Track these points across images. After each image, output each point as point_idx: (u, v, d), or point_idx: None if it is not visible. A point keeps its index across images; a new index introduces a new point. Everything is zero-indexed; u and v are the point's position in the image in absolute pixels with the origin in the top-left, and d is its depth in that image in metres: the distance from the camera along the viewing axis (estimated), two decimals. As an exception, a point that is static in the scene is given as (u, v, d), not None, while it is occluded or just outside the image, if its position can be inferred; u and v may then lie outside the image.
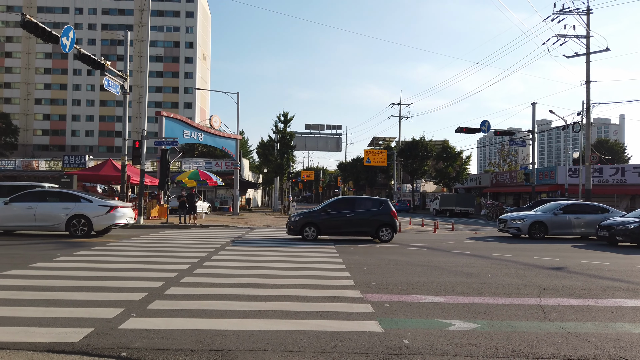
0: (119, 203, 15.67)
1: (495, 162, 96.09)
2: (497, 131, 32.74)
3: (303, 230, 15.44)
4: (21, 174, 45.86)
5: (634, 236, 15.13)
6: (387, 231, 15.48)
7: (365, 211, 15.78)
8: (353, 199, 16.67)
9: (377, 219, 15.56)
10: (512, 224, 18.37)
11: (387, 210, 15.72)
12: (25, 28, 14.33)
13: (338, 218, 15.55)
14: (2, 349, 4.33)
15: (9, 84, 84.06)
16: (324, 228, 15.45)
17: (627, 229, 15.25)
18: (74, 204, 14.59)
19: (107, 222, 14.83)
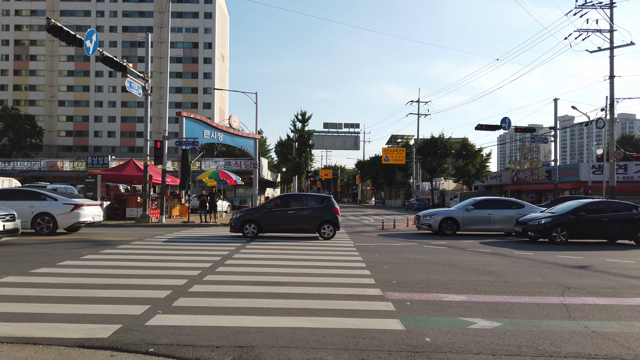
0: (84, 201, 15.99)
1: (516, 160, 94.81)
2: (517, 128, 32.34)
3: (243, 228, 15.31)
4: (46, 174, 46.95)
5: (544, 232, 14.91)
6: (329, 228, 15.33)
7: (306, 208, 15.75)
8: (296, 195, 16.74)
9: (319, 215, 15.39)
10: (424, 220, 18.28)
11: (329, 207, 15.59)
12: (51, 32, 14.68)
13: (279, 215, 15.51)
14: (35, 345, 4.49)
15: (33, 87, 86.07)
16: (264, 225, 15.39)
17: (538, 224, 15.08)
18: (39, 202, 14.95)
19: (72, 220, 15.11)
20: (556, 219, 15.01)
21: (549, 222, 14.96)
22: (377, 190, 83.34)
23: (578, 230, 14.94)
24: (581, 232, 15.02)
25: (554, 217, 15.16)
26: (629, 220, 14.99)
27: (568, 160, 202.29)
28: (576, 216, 14.96)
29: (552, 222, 14.92)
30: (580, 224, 14.88)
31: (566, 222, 14.86)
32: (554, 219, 15.02)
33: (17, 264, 8.99)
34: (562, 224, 14.83)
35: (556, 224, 14.85)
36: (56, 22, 14.85)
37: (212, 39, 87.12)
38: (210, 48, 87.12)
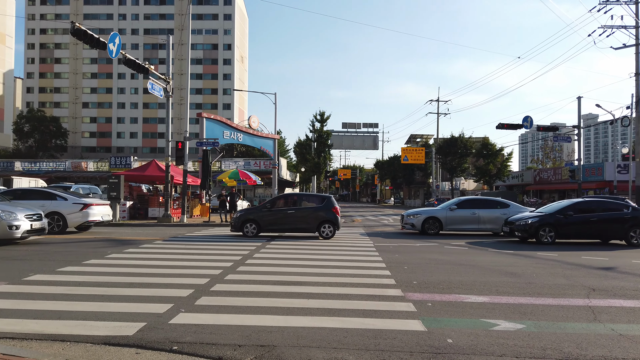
0: (93, 201, 16.36)
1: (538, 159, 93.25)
2: (540, 127, 31.81)
3: (244, 227, 15.39)
4: (71, 174, 48.02)
5: (531, 232, 14.68)
6: (329, 228, 15.29)
7: (306, 208, 15.76)
8: (296, 195, 16.78)
9: (319, 215, 15.37)
10: (407, 219, 18.10)
11: (329, 207, 15.55)
12: (75, 35, 15.01)
13: (278, 214, 15.56)
14: (63, 341, 4.60)
15: (58, 89, 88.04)
16: (264, 224, 15.44)
17: (525, 224, 14.85)
18: (50, 201, 15.29)
19: (81, 219, 15.44)
20: (543, 218, 14.81)
21: (536, 222, 14.78)
22: (396, 190, 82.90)
23: (566, 230, 14.73)
24: (569, 232, 14.81)
25: (541, 217, 14.97)
26: (619, 219, 14.71)
27: (592, 159, 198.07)
28: (564, 216, 14.75)
29: (539, 222, 14.74)
30: (568, 224, 14.68)
31: (553, 222, 14.66)
32: (541, 218, 14.83)
33: (44, 263, 9.22)
34: (549, 224, 14.63)
35: (543, 224, 14.67)
36: (80, 25, 15.16)
37: (232, 41, 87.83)
38: (230, 49, 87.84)
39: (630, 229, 14.47)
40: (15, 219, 11.65)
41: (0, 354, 4.07)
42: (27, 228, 11.90)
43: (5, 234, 11.47)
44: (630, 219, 14.58)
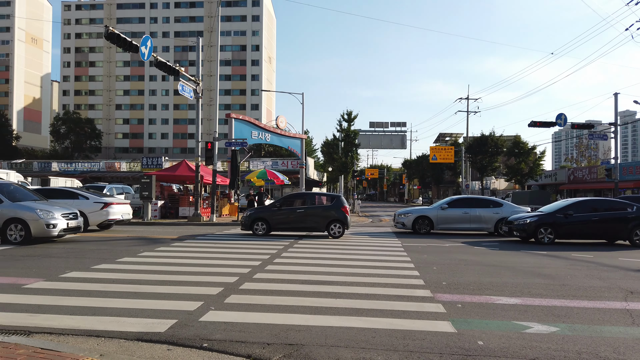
0: (114, 200, 16.82)
1: (572, 157, 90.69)
2: (574, 124, 30.85)
3: (253, 225, 15.49)
4: (105, 175, 49.37)
5: (529, 231, 14.42)
6: (337, 227, 15.24)
7: (315, 207, 15.72)
8: (305, 194, 16.90)
9: (328, 214, 15.32)
10: (398, 218, 17.87)
11: (338, 206, 15.49)
12: (109, 39, 15.41)
13: (288, 213, 15.60)
14: (98, 337, 4.73)
15: (92, 92, 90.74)
16: (274, 223, 15.51)
17: (523, 224, 14.60)
18: (72, 200, 15.67)
19: (102, 218, 15.82)
20: (542, 218, 14.55)
21: (535, 221, 14.50)
22: (425, 189, 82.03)
23: (566, 230, 14.42)
24: (569, 231, 14.47)
25: (540, 216, 14.72)
26: (622, 219, 14.28)
27: (630, 157, 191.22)
28: (564, 215, 14.42)
29: (538, 222, 14.45)
30: (568, 224, 14.34)
31: (552, 222, 14.36)
32: (540, 218, 14.57)
33: (80, 260, 9.51)
34: (549, 224, 14.34)
35: (542, 224, 14.41)
36: (114, 29, 15.56)
37: (260, 42, 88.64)
38: (258, 50, 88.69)
39: (634, 229, 14.07)
40: (52, 218, 12.05)
41: (39, 348, 4.22)
42: (63, 227, 12.29)
43: (43, 232, 11.88)
44: (633, 218, 14.16)
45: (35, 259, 9.60)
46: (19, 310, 5.62)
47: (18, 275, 7.79)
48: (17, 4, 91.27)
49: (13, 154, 67.30)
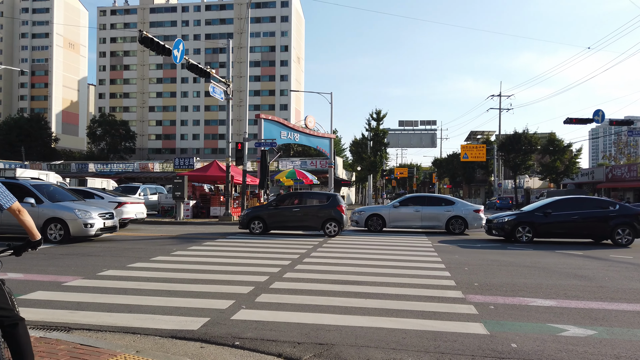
0: (128, 199, 17.36)
1: (610, 155, 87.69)
2: (612, 121, 29.80)
3: (250, 224, 15.63)
4: (139, 175, 50.63)
5: (507, 230, 14.40)
6: (333, 226, 15.27)
7: (312, 206, 15.78)
8: (302, 193, 16.92)
9: (324, 213, 15.38)
10: (353, 216, 17.95)
11: (334, 205, 15.50)
12: (142, 43, 15.79)
13: (284, 212, 15.70)
14: (134, 334, 4.88)
15: (127, 94, 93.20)
16: (270, 222, 15.63)
17: (501, 223, 14.61)
18: (88, 199, 16.23)
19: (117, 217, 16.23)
20: (520, 217, 14.47)
21: (512, 220, 14.36)
22: (455, 188, 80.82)
23: (544, 229, 14.25)
24: (547, 230, 14.30)
25: (518, 214, 14.68)
26: (604, 218, 13.99)
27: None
28: (543, 214, 14.25)
29: (516, 220, 14.32)
30: (546, 223, 14.18)
31: (531, 221, 14.23)
32: (518, 216, 14.52)
33: (116, 259, 9.80)
34: (527, 222, 14.22)
35: (520, 222, 14.30)
36: (147, 34, 15.94)
37: (288, 42, 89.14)
38: (287, 51, 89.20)
39: (616, 228, 13.79)
40: (90, 218, 12.45)
41: (78, 344, 4.37)
42: (100, 226, 12.69)
43: (81, 232, 12.29)
44: (615, 217, 13.90)
45: (73, 257, 9.94)
46: (60, 307, 5.84)
47: (58, 273, 8.09)
48: (55, 11, 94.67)
49: (52, 155, 69.83)
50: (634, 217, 13.86)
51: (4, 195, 3.01)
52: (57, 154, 72.86)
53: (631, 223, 13.75)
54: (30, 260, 9.27)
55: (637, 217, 13.87)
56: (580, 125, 29.74)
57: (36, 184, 13.27)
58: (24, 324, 2.95)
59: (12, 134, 68.56)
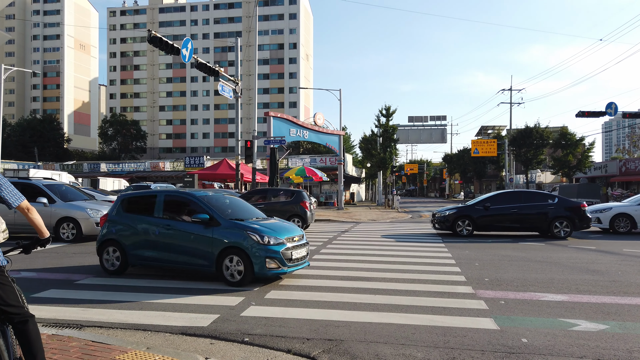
0: None
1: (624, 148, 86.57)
2: (626, 114, 29.38)
3: None
4: (150, 174, 50.98)
5: (447, 223, 14.68)
6: (297, 222, 15.31)
7: (275, 202, 15.82)
8: (267, 189, 17.00)
9: (287, 209, 15.44)
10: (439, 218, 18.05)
11: (298, 201, 15.53)
12: (152, 43, 15.85)
13: None
14: (145, 331, 4.92)
15: (137, 94, 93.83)
16: None
17: (443, 216, 14.90)
18: None
19: None
20: (460, 210, 14.77)
21: (453, 213, 14.63)
22: (466, 184, 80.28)
23: (483, 222, 14.51)
24: (486, 223, 14.54)
25: (459, 208, 14.97)
26: (542, 211, 14.23)
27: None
28: (483, 207, 14.54)
29: (456, 214, 14.56)
30: (485, 216, 14.43)
31: (470, 214, 14.48)
32: (458, 210, 14.82)
33: (127, 257, 9.88)
34: (466, 216, 14.48)
35: (460, 216, 14.54)
36: (156, 33, 16.01)
37: (297, 39, 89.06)
38: (295, 48, 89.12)
39: (553, 220, 14.01)
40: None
41: (90, 341, 4.43)
42: (112, 225, 12.82)
43: (93, 231, 12.41)
44: (553, 210, 14.13)
45: (86, 256, 10.05)
46: (72, 304, 5.91)
47: (70, 271, 8.19)
48: (66, 13, 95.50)
49: (64, 156, 70.58)
50: (572, 210, 14.08)
51: (12, 194, 3.05)
52: (70, 154, 73.63)
53: (569, 216, 13.97)
54: (43, 259, 9.40)
55: (575, 210, 14.09)
56: (593, 119, 29.36)
57: (49, 184, 13.43)
58: (34, 321, 2.99)
59: (25, 135, 69.40)
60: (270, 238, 6.90)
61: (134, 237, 7.72)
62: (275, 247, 6.87)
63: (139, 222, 7.77)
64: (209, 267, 7.11)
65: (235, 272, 6.89)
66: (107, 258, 7.82)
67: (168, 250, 7.41)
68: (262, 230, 7.01)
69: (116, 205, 8.19)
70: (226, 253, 6.97)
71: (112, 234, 7.88)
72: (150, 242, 7.55)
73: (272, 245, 6.86)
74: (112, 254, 7.79)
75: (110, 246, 7.83)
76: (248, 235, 6.88)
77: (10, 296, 2.91)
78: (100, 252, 7.92)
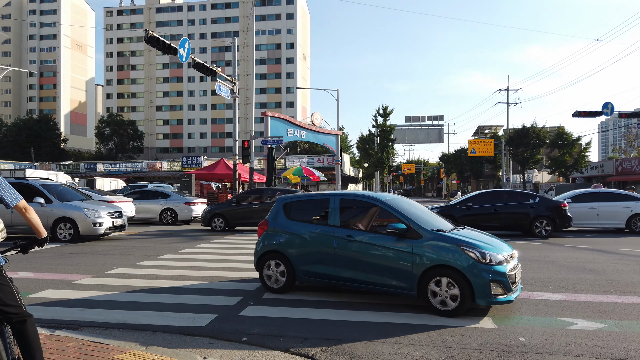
0: (116, 198, 17.70)
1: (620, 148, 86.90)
2: (622, 113, 29.47)
3: (211, 222, 15.96)
4: (147, 174, 50.90)
5: None
6: None
7: (270, 202, 15.96)
8: (262, 190, 17.33)
9: None
10: None
11: None
12: (149, 43, 15.81)
13: (245, 209, 16.06)
14: (143, 331, 4.92)
15: (134, 94, 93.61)
16: (231, 219, 15.98)
17: None
18: None
19: None
20: (442, 210, 14.92)
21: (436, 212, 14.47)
22: (463, 184, 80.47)
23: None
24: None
25: (442, 208, 15.20)
26: (523, 210, 14.40)
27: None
28: (465, 207, 14.86)
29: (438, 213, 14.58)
30: (468, 215, 14.61)
31: (453, 213, 14.62)
32: (441, 210, 14.93)
33: (124, 257, 9.87)
34: (449, 215, 14.45)
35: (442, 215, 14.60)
36: (153, 33, 15.98)
37: (294, 39, 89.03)
38: (293, 48, 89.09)
39: (534, 220, 14.16)
40: (99, 217, 12.55)
41: (88, 341, 4.42)
42: (109, 225, 12.78)
43: (90, 231, 12.40)
44: (534, 209, 14.26)
45: (83, 256, 10.03)
46: (70, 305, 5.90)
47: (68, 271, 8.17)
48: (62, 12, 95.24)
49: (61, 156, 70.39)
50: (553, 210, 14.14)
51: (10, 194, 3.04)
52: (66, 154, 73.44)
53: (550, 215, 14.04)
54: (40, 259, 9.37)
55: (556, 210, 14.13)
56: (589, 118, 29.44)
57: (45, 184, 13.39)
58: (32, 320, 2.99)
59: (21, 135, 69.16)
60: (492, 255, 5.43)
61: (303, 248, 6.48)
62: (499, 267, 5.37)
63: (309, 231, 6.51)
64: (407, 290, 5.65)
65: (447, 298, 5.39)
66: (269, 274, 6.65)
67: (349, 266, 6.06)
68: (481, 246, 5.52)
69: (277, 211, 6.99)
70: (432, 274, 5.48)
71: (275, 245, 6.68)
72: (325, 255, 6.25)
73: (495, 265, 5.38)
74: (276, 268, 6.61)
75: (273, 259, 6.63)
76: (463, 252, 5.41)
77: (8, 296, 2.91)
78: (261, 266, 6.75)
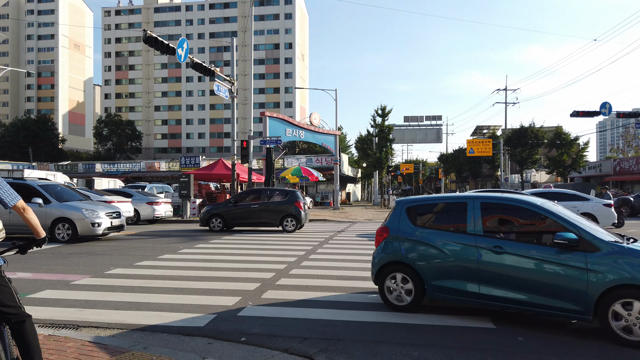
0: (114, 199, 17.60)
1: (618, 148, 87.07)
2: (620, 113, 29.54)
3: (210, 222, 15.95)
4: (145, 174, 50.83)
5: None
6: (291, 222, 15.63)
7: (270, 202, 16.09)
8: (261, 190, 17.35)
9: (282, 209, 15.74)
10: None
11: (292, 201, 15.73)
12: (147, 43, 15.80)
13: (243, 209, 16.01)
14: (142, 331, 4.91)
15: (132, 94, 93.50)
16: (229, 219, 15.93)
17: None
18: None
19: None
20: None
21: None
22: (462, 184, 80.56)
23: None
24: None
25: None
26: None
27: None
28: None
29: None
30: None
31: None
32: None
33: (123, 257, 9.86)
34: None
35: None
36: (151, 33, 15.96)
37: (293, 39, 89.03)
38: (291, 48, 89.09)
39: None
40: (97, 217, 12.50)
41: (87, 341, 4.41)
42: (107, 225, 12.75)
43: (88, 231, 12.36)
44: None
45: (81, 256, 10.02)
46: (68, 305, 5.89)
47: (66, 272, 8.16)
48: (60, 12, 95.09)
49: (59, 156, 70.22)
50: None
51: (8, 194, 3.03)
52: (64, 154, 73.26)
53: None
54: (38, 260, 9.36)
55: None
56: (587, 118, 29.49)
57: (44, 184, 13.35)
58: (31, 321, 2.99)
59: (19, 135, 68.98)
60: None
61: (436, 261, 5.44)
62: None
63: (444, 240, 5.45)
64: (581, 314, 4.59)
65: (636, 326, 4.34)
66: (392, 287, 5.67)
67: (500, 284, 5.02)
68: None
69: (399, 215, 5.93)
70: (615, 295, 4.43)
71: (400, 255, 5.65)
72: (466, 270, 5.23)
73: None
74: (401, 283, 5.62)
75: (399, 272, 5.64)
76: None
77: (7, 296, 2.91)
78: (382, 279, 5.74)
